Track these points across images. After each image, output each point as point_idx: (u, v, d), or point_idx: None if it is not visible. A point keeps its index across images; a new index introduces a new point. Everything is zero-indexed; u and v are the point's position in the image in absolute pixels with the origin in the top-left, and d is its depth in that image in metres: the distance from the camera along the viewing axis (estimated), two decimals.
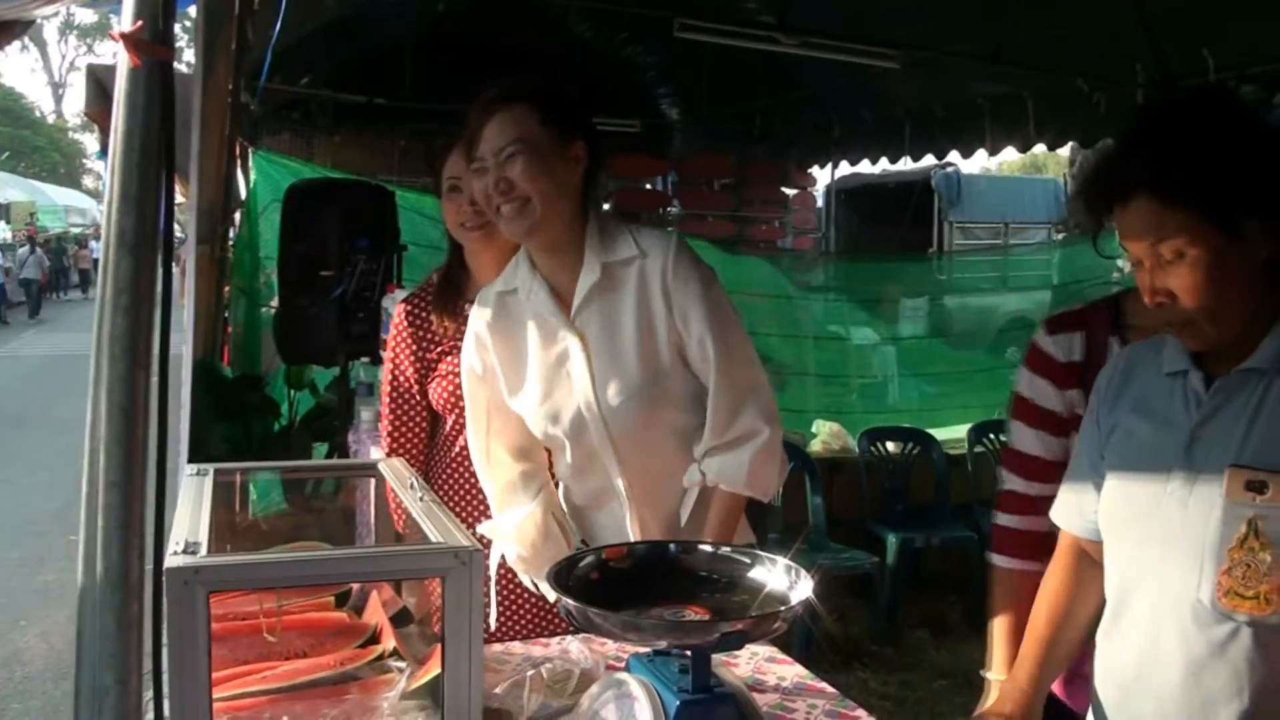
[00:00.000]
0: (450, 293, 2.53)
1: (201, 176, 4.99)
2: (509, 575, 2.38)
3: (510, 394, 2.21)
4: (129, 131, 1.42)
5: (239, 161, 6.08)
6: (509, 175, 2.01)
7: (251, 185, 6.31)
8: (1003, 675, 1.94)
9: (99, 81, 5.52)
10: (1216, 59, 5.68)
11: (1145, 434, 1.63)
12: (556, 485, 2.35)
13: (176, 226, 5.17)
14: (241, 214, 6.25)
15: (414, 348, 2.53)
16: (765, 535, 2.68)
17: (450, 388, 2.47)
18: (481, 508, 2.49)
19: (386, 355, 2.63)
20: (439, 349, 2.51)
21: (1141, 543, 1.59)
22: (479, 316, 2.23)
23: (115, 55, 1.46)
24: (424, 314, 2.54)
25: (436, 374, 2.50)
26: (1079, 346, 2.00)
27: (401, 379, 2.55)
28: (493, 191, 2.03)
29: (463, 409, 2.43)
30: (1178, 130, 1.51)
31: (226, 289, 5.90)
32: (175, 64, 1.49)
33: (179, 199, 5.08)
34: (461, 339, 2.44)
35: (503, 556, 2.31)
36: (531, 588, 2.34)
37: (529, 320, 2.17)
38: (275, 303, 5.30)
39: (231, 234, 6.01)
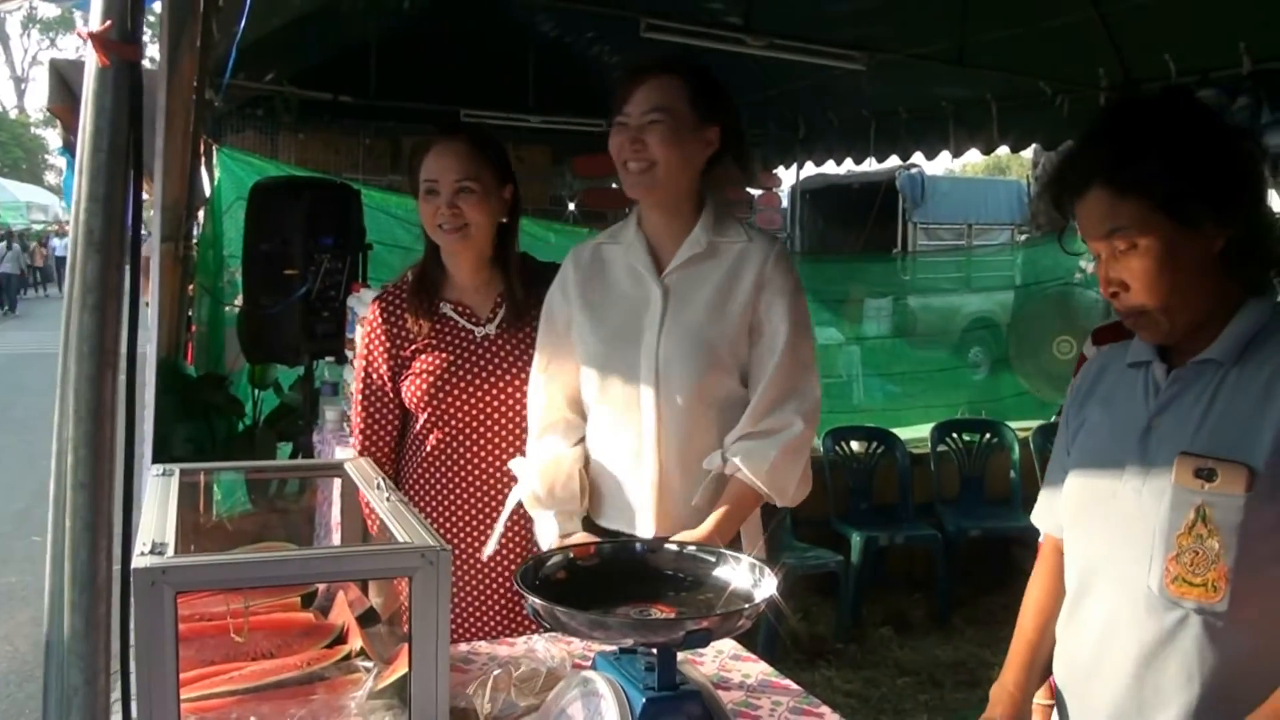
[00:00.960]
0: (425, 292, 2.54)
1: (165, 174, 4.95)
2: (518, 519, 2.43)
3: (581, 329, 2.31)
4: (97, 131, 1.42)
5: (203, 159, 6.04)
6: (645, 138, 2.16)
7: (216, 183, 6.27)
8: None
9: (62, 76, 5.47)
10: (1178, 63, 5.76)
11: (1106, 426, 1.66)
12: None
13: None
14: (205, 212, 6.21)
15: (388, 345, 2.53)
16: (776, 547, 2.69)
17: (424, 386, 2.48)
18: (452, 506, 2.51)
19: (359, 352, 2.64)
20: (413, 347, 2.52)
21: (1099, 532, 1.62)
22: (570, 263, 2.39)
23: (79, 51, 1.46)
24: (399, 312, 2.55)
25: (410, 372, 2.51)
26: None
27: (375, 376, 2.56)
28: (626, 148, 2.17)
29: (435, 407, 2.46)
30: (1135, 124, 1.55)
31: (190, 287, 5.86)
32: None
33: (143, 196, 5.04)
34: (435, 339, 2.47)
35: (519, 501, 2.36)
36: (541, 535, 2.35)
37: (620, 269, 2.32)
38: (239, 301, 5.28)
39: (195, 232, 5.97)
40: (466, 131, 2.56)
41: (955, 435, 6.16)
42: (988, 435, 6.17)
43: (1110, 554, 1.59)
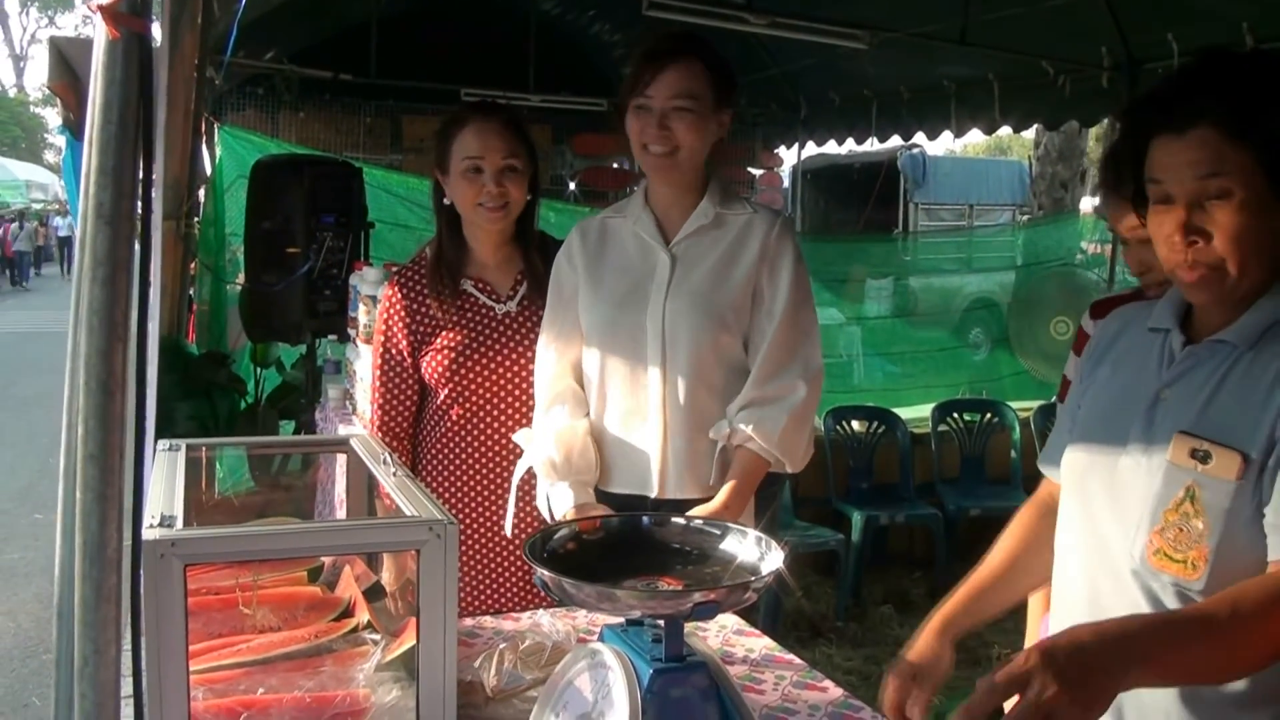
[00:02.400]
0: (445, 270, 2.55)
1: (167, 152, 4.94)
2: (527, 492, 2.45)
3: (587, 297, 2.36)
4: (106, 104, 1.42)
5: (204, 137, 6.04)
6: (672, 125, 2.22)
7: (217, 161, 6.27)
8: None
9: (62, 54, 5.45)
10: (1180, 43, 5.74)
11: (1117, 388, 1.66)
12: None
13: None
14: (206, 190, 6.21)
15: (408, 321, 2.55)
16: (776, 526, 2.71)
17: (445, 362, 2.49)
18: (472, 480, 2.52)
19: (378, 327, 2.66)
20: (434, 323, 2.53)
21: (1096, 495, 1.62)
22: (577, 234, 2.44)
23: (78, 28, 1.47)
24: (418, 289, 2.56)
25: (430, 348, 2.53)
26: None
27: (394, 351, 2.57)
28: (653, 132, 2.22)
29: (455, 383, 2.47)
30: (1249, 74, 1.49)
31: (192, 266, 5.87)
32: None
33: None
34: (456, 315, 2.48)
35: (528, 470, 2.38)
36: (543, 505, 2.37)
37: (627, 239, 2.38)
38: (241, 280, 5.28)
39: (197, 210, 5.97)
40: (504, 110, 2.58)
41: (956, 415, 6.17)
42: (988, 415, 6.18)
43: (1101, 520, 1.60)
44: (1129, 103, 1.60)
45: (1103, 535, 1.59)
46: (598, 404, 2.36)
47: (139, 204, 1.47)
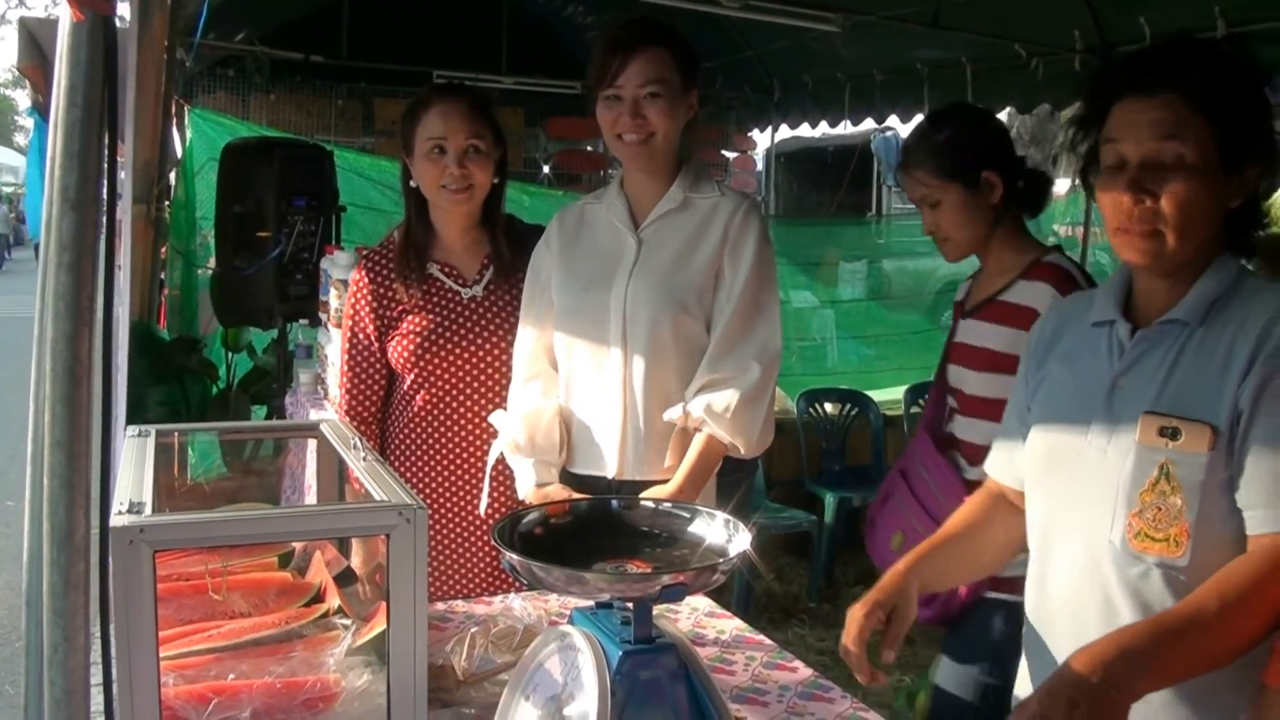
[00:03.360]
0: (412, 254, 2.54)
1: (137, 135, 4.91)
2: (501, 473, 2.46)
3: (559, 280, 2.38)
4: (71, 87, 1.41)
5: (174, 119, 5.99)
6: (646, 112, 2.25)
7: (187, 144, 6.22)
8: None
9: (32, 35, 5.40)
10: (1153, 26, 5.75)
11: (1070, 384, 1.68)
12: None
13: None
14: (177, 173, 6.16)
15: (375, 305, 2.55)
16: (746, 507, 2.74)
17: (411, 346, 2.50)
18: (439, 465, 2.53)
19: (345, 312, 2.65)
20: (400, 308, 2.53)
21: (1063, 489, 1.64)
22: (556, 221, 2.47)
23: (48, 9, 1.46)
24: (386, 273, 2.55)
25: (397, 333, 2.53)
26: None
27: (361, 336, 2.57)
28: (627, 121, 2.25)
29: (421, 368, 2.48)
30: (1217, 57, 1.56)
31: (163, 250, 5.83)
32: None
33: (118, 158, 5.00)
34: (423, 300, 2.48)
35: (501, 454, 2.40)
36: (519, 483, 2.38)
37: (601, 225, 2.41)
38: (212, 264, 5.25)
39: (168, 193, 5.92)
40: (469, 92, 2.57)
41: (928, 397, 6.19)
42: None
43: (1074, 511, 1.61)
44: (1098, 70, 1.66)
45: (1076, 527, 1.61)
46: (566, 385, 2.39)
47: (105, 188, 1.47)
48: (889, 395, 6.39)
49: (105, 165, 1.47)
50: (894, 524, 2.66)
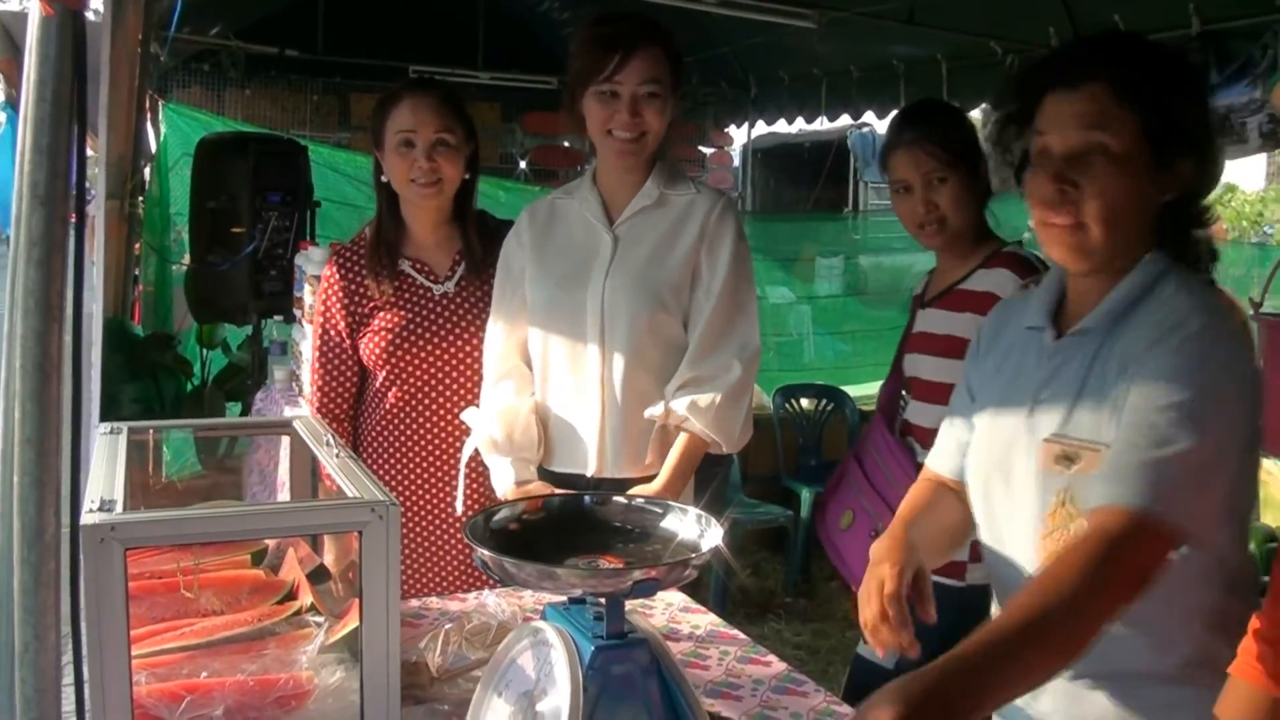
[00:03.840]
0: (383, 250, 2.53)
1: (110, 129, 4.89)
2: (476, 470, 2.46)
3: (533, 276, 2.37)
4: (40, 81, 1.40)
5: (148, 114, 5.95)
6: (643, 112, 2.25)
7: (161, 139, 6.18)
8: None
9: (5, 29, 5.36)
10: (1127, 24, 5.76)
11: (1003, 391, 1.66)
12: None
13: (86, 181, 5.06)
14: (151, 168, 6.12)
15: (346, 302, 2.54)
16: (725, 494, 2.75)
17: (383, 343, 2.49)
18: (412, 462, 2.52)
19: (316, 309, 2.64)
20: (371, 304, 2.52)
21: (997, 507, 1.63)
22: (526, 215, 2.46)
23: (22, 2, 1.44)
24: (357, 269, 2.55)
25: (368, 330, 2.52)
26: None
27: (333, 333, 2.56)
28: (624, 118, 2.24)
29: (393, 365, 2.47)
30: (1143, 45, 1.55)
31: (137, 246, 5.79)
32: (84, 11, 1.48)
33: (88, 152, 4.98)
34: (394, 297, 2.48)
35: (475, 449, 2.40)
36: (496, 481, 2.38)
37: (574, 220, 2.40)
38: (187, 260, 5.23)
39: (141, 189, 5.89)
40: (440, 86, 2.56)
41: (904, 392, 6.20)
42: None
43: (1006, 525, 1.62)
44: (1025, 65, 1.62)
45: (1005, 543, 1.61)
46: (541, 382, 2.38)
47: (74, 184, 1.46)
48: (865, 390, 6.39)
49: (75, 161, 1.46)
50: (844, 504, 2.70)
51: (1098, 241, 1.50)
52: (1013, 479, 1.59)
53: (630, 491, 2.13)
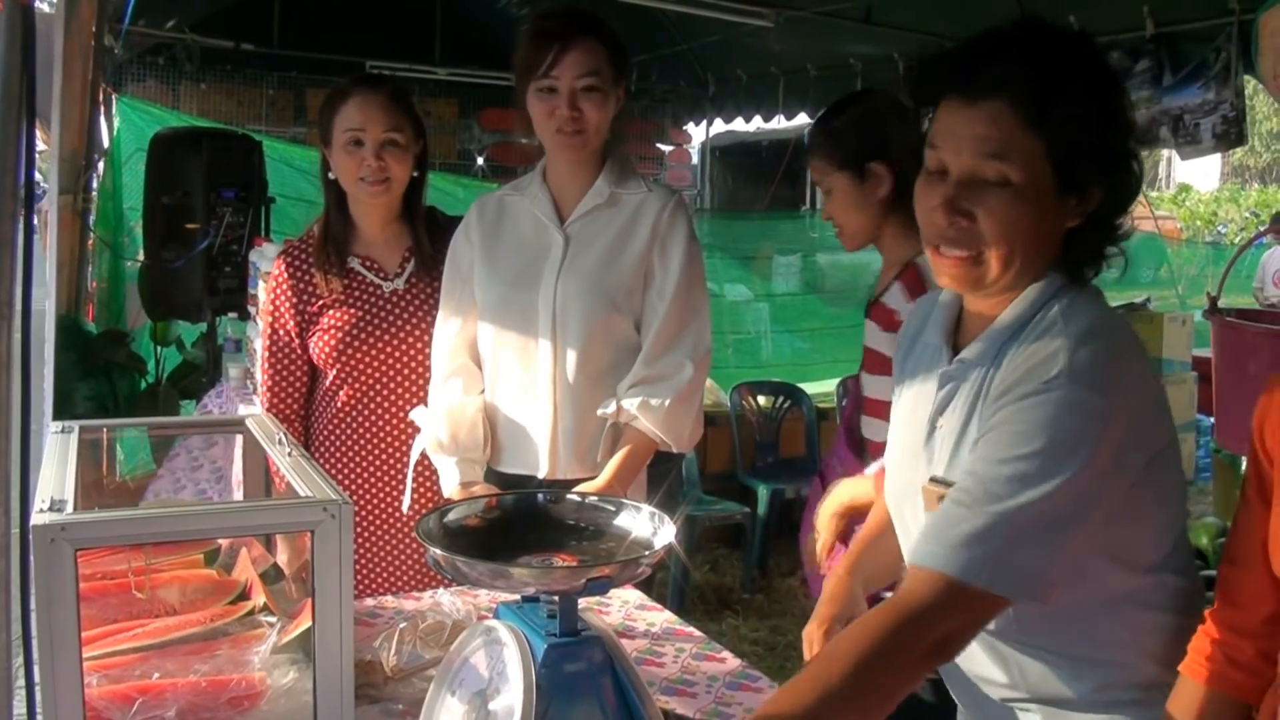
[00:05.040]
0: (331, 247, 2.52)
1: (63, 124, 4.83)
2: (425, 469, 2.45)
3: (483, 275, 2.36)
4: None
5: (102, 107, 5.88)
6: (582, 106, 2.24)
7: (115, 133, 6.11)
8: None
9: None
10: (1081, 25, 5.85)
11: (908, 411, 1.60)
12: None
13: (38, 176, 5.00)
14: (105, 163, 6.05)
15: (295, 300, 2.52)
16: (678, 491, 2.75)
17: (333, 342, 2.48)
18: (364, 461, 2.51)
19: (265, 308, 2.63)
20: (321, 303, 2.51)
21: (909, 529, 1.57)
22: (475, 211, 2.44)
23: None
24: (305, 267, 2.53)
25: (318, 328, 2.50)
26: None
27: (281, 332, 2.54)
28: (564, 114, 2.23)
29: (344, 363, 2.46)
30: (1056, 47, 1.37)
31: (90, 241, 5.72)
32: (37, 3, 1.47)
33: (40, 146, 4.92)
34: (343, 294, 2.47)
35: (424, 451, 2.38)
36: (442, 482, 2.37)
37: (524, 218, 2.39)
38: (141, 256, 5.18)
39: (94, 184, 5.82)
40: (389, 84, 2.55)
41: (848, 396, 6.23)
42: None
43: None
44: (921, 57, 1.46)
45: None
46: (492, 383, 2.38)
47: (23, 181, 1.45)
48: (822, 388, 6.43)
49: (24, 157, 1.45)
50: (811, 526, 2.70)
51: (994, 274, 1.39)
52: (915, 510, 1.53)
53: (576, 488, 2.13)
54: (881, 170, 2.29)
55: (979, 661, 1.54)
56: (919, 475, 1.51)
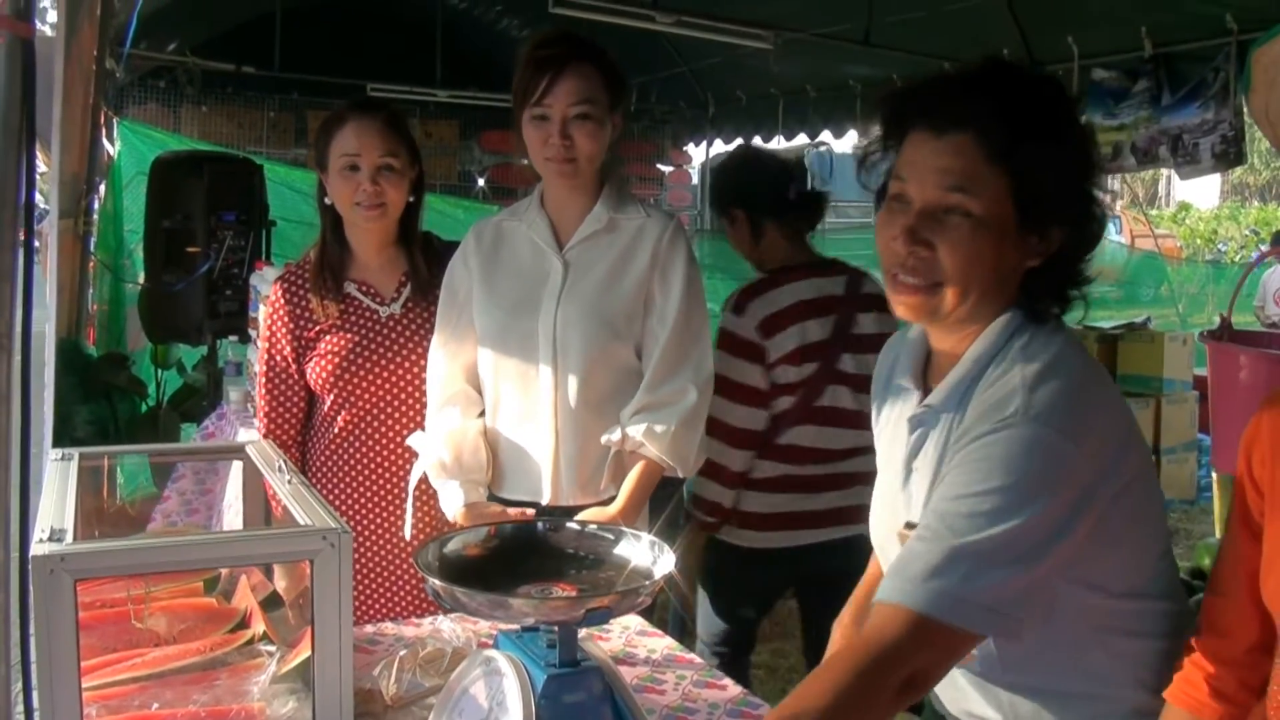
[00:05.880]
0: (328, 272, 2.53)
1: (64, 147, 4.83)
2: (424, 495, 2.44)
3: (481, 301, 2.36)
4: None
5: (103, 131, 5.89)
6: (574, 134, 2.23)
7: (116, 156, 6.13)
8: None
9: None
10: (1080, 46, 5.88)
11: (886, 455, 1.60)
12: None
13: (39, 198, 5.02)
14: (106, 186, 6.06)
15: (291, 326, 2.53)
16: (679, 517, 2.79)
17: (330, 367, 2.48)
18: (362, 487, 2.51)
19: (262, 333, 2.63)
20: (318, 328, 2.51)
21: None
22: (472, 237, 2.44)
23: None
24: (302, 292, 2.53)
25: (315, 353, 2.51)
26: None
27: (278, 357, 2.55)
28: (555, 142, 2.23)
29: (341, 389, 2.46)
30: (1023, 86, 1.40)
31: (90, 264, 5.73)
32: (39, 25, 1.48)
33: (40, 168, 4.94)
34: (340, 319, 2.47)
35: (422, 475, 2.37)
36: (445, 504, 2.36)
37: (522, 243, 2.38)
38: (141, 279, 5.19)
39: (95, 207, 5.83)
40: (384, 109, 2.56)
41: None
42: None
43: None
44: (891, 89, 1.47)
45: None
46: (491, 409, 2.38)
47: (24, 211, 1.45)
48: None
49: (24, 189, 1.45)
50: None
51: (949, 305, 1.40)
52: (892, 554, 1.50)
53: (584, 515, 2.14)
54: (738, 213, 2.97)
55: (973, 701, 1.54)
56: (898, 519, 1.51)
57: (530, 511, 2.27)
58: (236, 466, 2.21)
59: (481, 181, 10.15)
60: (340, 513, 2.40)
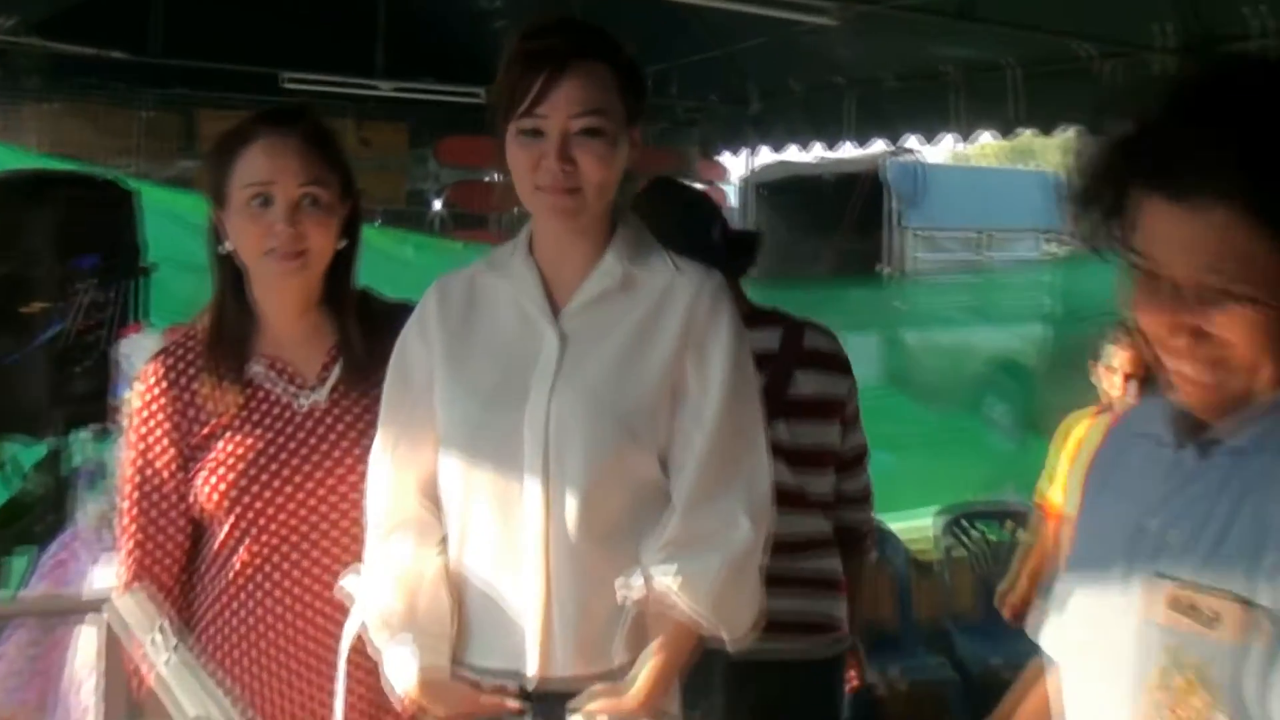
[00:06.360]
0: (225, 346, 2.50)
1: None
2: (361, 665, 2.37)
3: (446, 390, 2.31)
4: None
5: None
6: (578, 156, 2.17)
7: None
8: None
9: None
10: (1262, 20, 5.90)
11: (1109, 520, 1.65)
12: None
13: None
14: None
15: (174, 422, 2.49)
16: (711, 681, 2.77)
17: (227, 481, 2.43)
18: (270, 652, 2.47)
19: (129, 438, 2.58)
20: (210, 426, 2.47)
21: (1094, 673, 1.59)
22: (434, 298, 2.37)
23: None
24: (188, 375, 2.50)
25: (206, 462, 2.46)
26: None
27: (155, 465, 2.51)
28: (551, 166, 2.17)
29: (243, 512, 2.42)
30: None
31: None
32: None
33: None
34: (242, 413, 2.44)
35: (357, 635, 2.31)
36: (393, 673, 2.29)
37: (504, 308, 2.33)
38: None
39: None
40: (307, 120, 2.53)
41: (971, 526, 6.20)
42: (1017, 526, 6.21)
43: (1099, 707, 1.57)
44: (1107, 145, 1.51)
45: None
46: (458, 541, 2.32)
47: None
48: (915, 525, 6.39)
49: None
50: None
51: (1239, 390, 1.45)
52: (1109, 640, 1.54)
53: (590, 707, 2.08)
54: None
55: None
56: (1114, 591, 1.53)
57: (513, 704, 2.21)
58: (89, 630, 2.15)
59: (438, 205, 10.25)
60: (243, 696, 2.35)
